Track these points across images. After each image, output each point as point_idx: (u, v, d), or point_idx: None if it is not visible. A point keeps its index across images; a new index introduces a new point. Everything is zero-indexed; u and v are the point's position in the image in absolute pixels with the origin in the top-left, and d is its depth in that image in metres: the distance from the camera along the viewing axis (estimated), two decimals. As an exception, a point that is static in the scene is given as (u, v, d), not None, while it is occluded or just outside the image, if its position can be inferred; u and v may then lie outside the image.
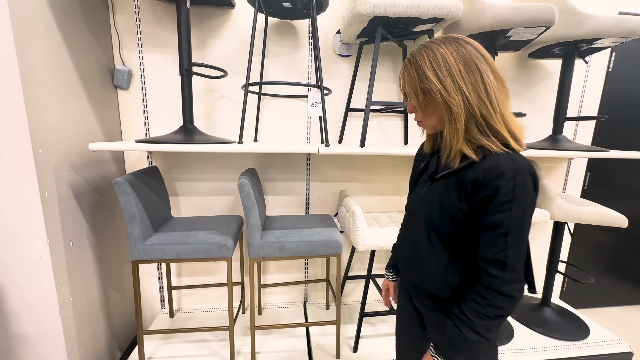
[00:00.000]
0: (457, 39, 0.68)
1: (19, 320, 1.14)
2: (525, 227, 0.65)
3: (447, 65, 0.66)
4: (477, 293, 0.67)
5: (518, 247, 0.64)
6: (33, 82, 1.04)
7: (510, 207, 0.63)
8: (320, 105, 1.34)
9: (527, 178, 0.64)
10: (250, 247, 1.32)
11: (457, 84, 0.66)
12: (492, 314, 0.65)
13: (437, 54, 0.67)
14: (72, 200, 1.24)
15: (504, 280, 0.64)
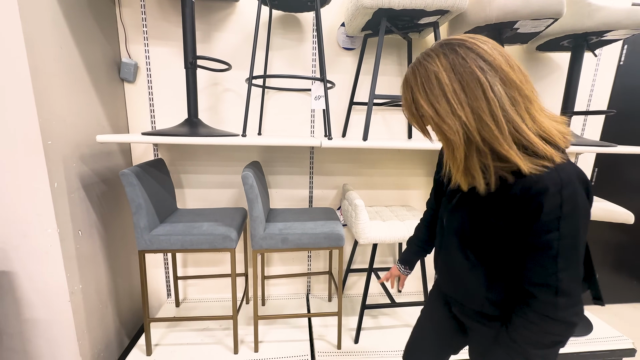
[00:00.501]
0: (455, 47, 0.56)
1: (30, 306, 1.18)
2: (579, 246, 0.55)
3: (441, 85, 0.56)
4: (528, 319, 0.59)
5: (572, 269, 0.56)
6: (42, 74, 1.06)
7: (558, 225, 0.54)
8: (323, 98, 1.34)
9: (577, 189, 0.54)
10: (254, 239, 1.34)
11: (452, 107, 0.56)
12: (547, 341, 0.58)
13: (429, 73, 0.57)
14: (80, 190, 1.27)
15: (558, 307, 0.56)
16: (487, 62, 0.54)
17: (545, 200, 0.53)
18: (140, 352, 1.45)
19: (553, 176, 0.54)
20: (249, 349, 1.49)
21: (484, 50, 0.55)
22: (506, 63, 0.55)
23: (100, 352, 1.40)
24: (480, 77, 0.53)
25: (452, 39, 0.58)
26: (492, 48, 0.56)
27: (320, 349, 1.50)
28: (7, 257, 1.13)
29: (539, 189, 0.54)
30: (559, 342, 0.59)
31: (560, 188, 0.53)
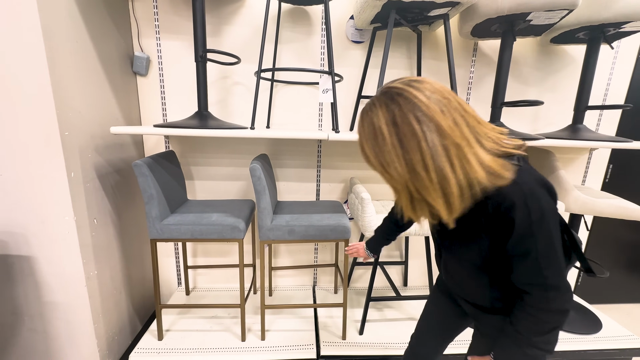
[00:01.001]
0: (395, 97, 0.59)
1: (50, 289, 1.24)
2: (555, 242, 0.61)
3: (383, 138, 0.59)
4: (527, 313, 0.66)
5: (554, 264, 0.62)
6: (59, 68, 1.10)
7: (532, 232, 0.60)
8: (331, 92, 1.35)
9: (539, 194, 0.60)
10: (261, 230, 1.37)
11: (391, 160, 0.60)
12: (547, 328, 0.65)
13: (373, 125, 0.60)
14: (95, 180, 1.32)
15: (549, 300, 0.63)
16: (422, 112, 0.57)
17: (515, 214, 0.59)
18: (152, 336, 1.51)
19: (516, 190, 0.59)
20: (256, 337, 1.53)
21: (420, 100, 0.57)
22: (440, 111, 0.57)
23: (115, 336, 1.46)
24: (415, 129, 0.57)
25: (393, 87, 0.61)
26: (429, 96, 0.58)
27: (325, 339, 1.53)
28: (27, 243, 1.19)
29: (507, 205, 0.60)
30: (557, 327, 0.65)
31: (525, 199, 0.59)
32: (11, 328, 1.27)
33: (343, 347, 1.49)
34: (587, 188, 1.81)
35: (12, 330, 1.27)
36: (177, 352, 1.42)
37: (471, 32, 1.53)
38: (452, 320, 0.98)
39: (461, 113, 0.58)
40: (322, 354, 1.45)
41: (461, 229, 0.70)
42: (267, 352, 1.44)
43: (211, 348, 1.45)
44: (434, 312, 1.03)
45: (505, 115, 1.69)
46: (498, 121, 1.49)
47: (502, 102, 1.46)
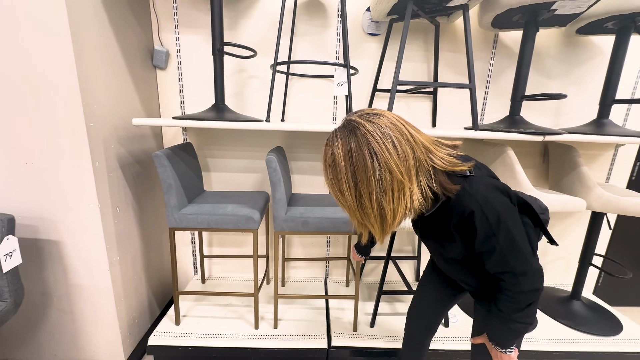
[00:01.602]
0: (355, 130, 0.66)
1: (76, 273, 1.31)
2: (515, 235, 0.70)
3: (340, 169, 0.66)
4: (505, 295, 0.75)
5: (517, 254, 0.71)
6: (84, 61, 1.15)
7: (493, 232, 0.69)
8: (346, 84, 1.34)
9: (492, 199, 0.69)
10: (276, 221, 1.39)
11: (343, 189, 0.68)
12: (523, 305, 0.74)
13: (333, 156, 0.67)
14: (118, 170, 1.37)
15: (520, 283, 0.72)
16: (375, 148, 0.64)
17: (476, 221, 0.69)
18: (170, 321, 1.57)
19: (472, 200, 0.69)
20: (269, 325, 1.57)
21: (374, 136, 0.64)
22: (392, 146, 0.64)
23: (135, 319, 1.53)
24: (367, 164, 0.64)
25: (352, 120, 0.68)
26: (384, 132, 0.65)
27: (336, 330, 1.55)
28: (56, 228, 1.26)
29: (468, 214, 0.69)
30: (532, 303, 0.75)
31: (480, 206, 0.68)
32: (42, 307, 1.35)
33: (354, 338, 1.51)
34: (611, 186, 1.74)
35: (42, 310, 1.35)
36: (193, 337, 1.48)
37: (492, 23, 1.48)
38: (444, 294, 1.09)
39: (412, 146, 0.67)
40: (333, 344, 1.48)
41: (436, 231, 0.81)
42: (279, 340, 1.48)
43: (226, 334, 1.50)
44: (427, 288, 1.13)
45: (526, 109, 1.65)
46: (517, 115, 1.45)
47: (523, 96, 1.42)
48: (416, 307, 1.16)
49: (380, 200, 0.66)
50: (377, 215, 0.68)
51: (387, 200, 0.66)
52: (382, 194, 0.65)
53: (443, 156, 0.71)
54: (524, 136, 1.32)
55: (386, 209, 0.67)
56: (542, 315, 1.72)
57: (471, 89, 1.31)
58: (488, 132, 1.32)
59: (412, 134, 0.67)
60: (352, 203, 0.69)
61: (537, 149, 1.81)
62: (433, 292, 1.11)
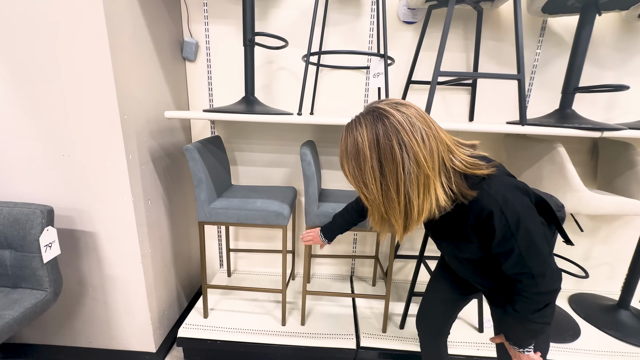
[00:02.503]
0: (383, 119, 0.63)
1: (110, 264, 1.33)
2: (534, 236, 0.67)
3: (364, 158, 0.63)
4: (522, 296, 0.73)
5: (536, 256, 0.68)
6: (119, 53, 1.13)
7: (512, 233, 0.66)
8: (382, 76, 1.27)
9: (512, 199, 0.66)
10: (308, 216, 1.35)
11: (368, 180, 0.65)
12: (541, 306, 0.72)
13: (356, 144, 0.64)
14: (149, 163, 1.37)
15: (537, 284, 0.70)
16: (405, 139, 0.61)
17: (495, 222, 0.66)
18: (198, 314, 1.58)
19: (491, 200, 0.66)
20: (296, 322, 1.55)
21: (404, 126, 0.61)
22: (421, 139, 0.62)
23: (165, 310, 1.55)
24: (396, 154, 0.61)
25: (380, 108, 0.64)
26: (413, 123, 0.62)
27: (365, 330, 1.51)
28: (91, 220, 1.27)
29: (487, 215, 0.66)
30: (550, 303, 0.72)
31: (500, 207, 0.65)
32: (77, 296, 1.38)
33: (383, 339, 1.46)
34: (669, 187, 1.59)
35: (78, 298, 1.39)
36: (221, 331, 1.48)
37: (542, 8, 1.36)
38: (453, 296, 1.05)
39: (438, 141, 0.64)
40: (362, 345, 1.44)
41: (451, 232, 0.78)
42: (307, 338, 1.45)
43: (253, 329, 1.49)
44: (436, 288, 1.09)
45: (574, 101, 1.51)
46: (569, 109, 1.34)
47: (577, 88, 1.30)
48: (426, 310, 1.12)
49: (409, 194, 0.64)
50: (402, 211, 0.66)
51: (414, 195, 0.64)
52: (410, 187, 0.63)
53: (463, 157, 0.69)
54: (577, 132, 1.21)
55: (414, 204, 0.65)
56: (585, 324, 1.60)
57: (520, 80, 1.21)
58: (537, 127, 1.22)
59: (437, 130, 0.65)
60: (377, 196, 0.66)
61: (586, 146, 1.68)
62: (443, 293, 1.07)
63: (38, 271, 1.07)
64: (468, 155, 0.70)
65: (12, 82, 1.11)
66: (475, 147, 0.75)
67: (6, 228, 1.05)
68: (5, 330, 0.92)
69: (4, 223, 1.05)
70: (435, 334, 1.12)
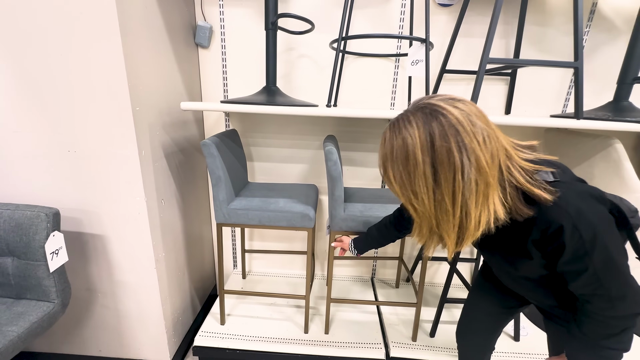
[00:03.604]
0: (439, 115, 0.53)
1: (121, 269, 1.23)
2: (613, 253, 0.56)
3: (415, 163, 0.54)
4: (592, 318, 0.62)
5: (617, 275, 0.58)
6: (130, 36, 1.00)
7: (586, 250, 0.56)
8: (422, 63, 1.14)
9: (586, 211, 0.55)
10: (334, 220, 1.24)
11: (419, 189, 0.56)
12: (617, 330, 0.61)
13: (406, 145, 0.54)
14: (163, 160, 1.25)
15: (615, 307, 0.59)
16: (465, 141, 0.52)
17: (565, 238, 0.56)
18: (214, 320, 1.48)
19: (561, 213, 0.55)
20: (319, 329, 1.45)
21: (464, 126, 0.52)
22: (483, 141, 0.53)
23: (179, 317, 1.45)
24: (455, 159, 0.52)
25: (434, 104, 0.55)
26: (474, 122, 0.53)
27: (393, 339, 1.41)
28: (100, 222, 1.16)
29: (555, 230, 0.56)
30: (628, 329, 0.60)
31: (573, 220, 0.55)
32: (86, 303, 1.28)
33: (414, 349, 1.37)
34: None
35: (86, 305, 1.28)
36: (240, 339, 1.38)
37: (598, -13, 1.22)
38: (498, 309, 0.94)
39: (497, 144, 0.55)
40: (391, 355, 1.34)
41: (505, 247, 0.69)
42: (332, 348, 1.36)
43: (274, 337, 1.39)
44: (479, 300, 0.98)
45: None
46: (625, 101, 1.21)
47: (636, 78, 1.17)
48: (468, 324, 1.02)
49: (467, 204, 0.54)
50: (457, 224, 0.57)
51: (472, 206, 0.55)
52: (469, 197, 0.54)
53: (523, 164, 0.59)
54: (637, 127, 1.09)
55: (471, 217, 0.55)
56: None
57: (577, 68, 1.08)
58: (598, 121, 1.09)
59: (496, 131, 0.56)
60: (428, 207, 0.56)
61: (630, 142, 1.55)
62: (487, 305, 0.95)
63: (44, 281, 0.96)
64: (526, 163, 0.60)
65: (10, 71, 0.99)
66: (534, 149, 0.64)
67: (7, 234, 0.94)
68: (10, 349, 0.82)
69: (4, 228, 0.94)
70: (479, 350, 1.02)
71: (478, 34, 1.44)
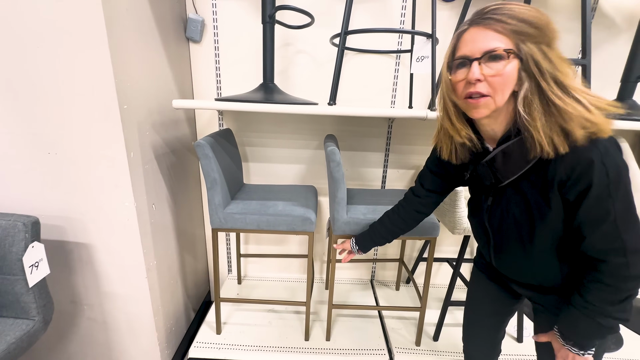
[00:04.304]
0: None
1: (109, 279, 1.14)
2: (631, 203, 0.56)
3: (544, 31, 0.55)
4: (603, 282, 0.60)
5: (634, 226, 0.57)
6: (116, 27, 0.92)
7: (610, 192, 0.55)
8: (428, 60, 1.10)
9: (613, 152, 0.55)
10: (336, 223, 1.19)
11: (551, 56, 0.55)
12: (622, 297, 0.59)
13: (543, 14, 0.55)
14: (153, 162, 1.17)
15: (630, 265, 0.57)
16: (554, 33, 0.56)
17: (594, 174, 0.54)
18: (209, 329, 1.41)
19: (590, 148, 0.54)
20: (320, 336, 1.40)
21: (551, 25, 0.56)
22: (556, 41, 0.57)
23: (172, 327, 1.37)
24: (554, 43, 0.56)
25: None
26: None
27: (397, 344, 1.38)
28: (85, 229, 1.07)
29: (585, 166, 0.54)
30: (632, 295, 0.60)
31: (601, 156, 0.54)
32: (71, 316, 1.19)
33: (419, 354, 1.33)
34: None
35: (71, 319, 1.19)
36: (237, 349, 1.32)
37: (602, -16, 1.21)
38: (499, 307, 0.89)
39: None
40: (396, 361, 1.31)
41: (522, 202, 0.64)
42: (334, 355, 1.31)
43: (273, 346, 1.34)
44: (480, 300, 0.93)
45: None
46: (630, 99, 1.20)
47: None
48: (472, 326, 0.98)
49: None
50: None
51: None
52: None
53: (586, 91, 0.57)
54: None
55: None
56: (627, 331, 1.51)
57: (585, 65, 1.06)
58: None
59: None
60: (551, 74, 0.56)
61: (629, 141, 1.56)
62: (489, 305, 0.91)
63: (23, 297, 0.87)
64: None
65: (-21, 63, 0.89)
66: None
67: (-21, 245, 0.84)
68: (-16, 375, 0.73)
69: (-24, 239, 0.84)
70: (487, 353, 0.98)
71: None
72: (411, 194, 0.94)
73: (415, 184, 0.93)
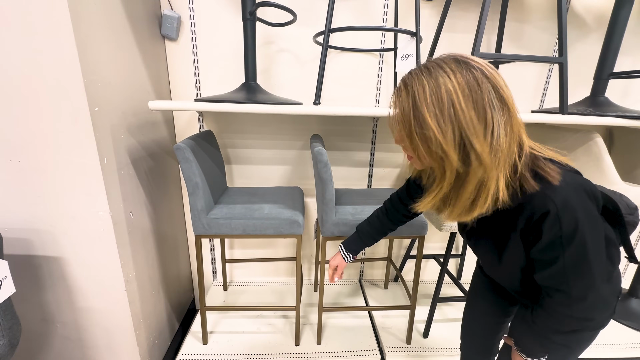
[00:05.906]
0: (472, 69, 0.51)
1: (84, 294, 1.06)
2: (589, 253, 0.54)
3: (454, 109, 0.50)
4: (546, 310, 0.61)
5: (584, 276, 0.56)
6: (83, 23, 0.85)
7: (562, 242, 0.54)
8: (412, 58, 1.10)
9: (574, 203, 0.53)
10: (325, 225, 1.17)
11: (459, 139, 0.51)
12: (566, 328, 0.60)
13: (441, 90, 0.50)
14: (130, 167, 1.10)
15: (571, 306, 0.58)
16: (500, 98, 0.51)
17: (545, 225, 0.54)
18: (195, 339, 1.36)
19: (546, 200, 0.53)
20: (311, 340, 1.38)
21: (501, 85, 0.51)
22: (512, 105, 0.53)
23: (155, 340, 1.30)
24: (487, 113, 0.50)
25: (468, 58, 0.53)
26: (505, 84, 0.53)
27: (387, 343, 1.37)
28: (56, 242, 0.99)
29: (540, 216, 0.54)
30: (579, 331, 0.60)
31: (557, 209, 0.53)
32: (42, 336, 1.10)
33: (410, 352, 1.34)
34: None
35: (43, 339, 1.11)
36: (226, 359, 1.27)
37: (574, -16, 1.25)
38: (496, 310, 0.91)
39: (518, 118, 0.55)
40: (387, 361, 1.30)
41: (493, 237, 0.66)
42: (326, 359, 1.29)
43: (263, 354, 1.30)
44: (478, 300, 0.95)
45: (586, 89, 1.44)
46: (602, 96, 1.25)
47: (612, 73, 1.21)
48: (469, 325, 0.99)
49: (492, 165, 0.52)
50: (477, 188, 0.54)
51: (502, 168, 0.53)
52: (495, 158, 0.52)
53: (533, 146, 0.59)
54: (627, 122, 1.12)
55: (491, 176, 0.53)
56: (602, 316, 1.58)
57: (562, 64, 1.09)
58: (582, 116, 1.11)
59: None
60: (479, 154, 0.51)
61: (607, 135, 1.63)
62: (486, 305, 0.93)
63: (-15, 320, 0.79)
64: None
65: None
66: None
67: None
68: (-60, 411, 0.66)
69: None
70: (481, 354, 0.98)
71: (461, 29, 1.43)
72: (398, 200, 0.94)
73: (401, 192, 0.93)
